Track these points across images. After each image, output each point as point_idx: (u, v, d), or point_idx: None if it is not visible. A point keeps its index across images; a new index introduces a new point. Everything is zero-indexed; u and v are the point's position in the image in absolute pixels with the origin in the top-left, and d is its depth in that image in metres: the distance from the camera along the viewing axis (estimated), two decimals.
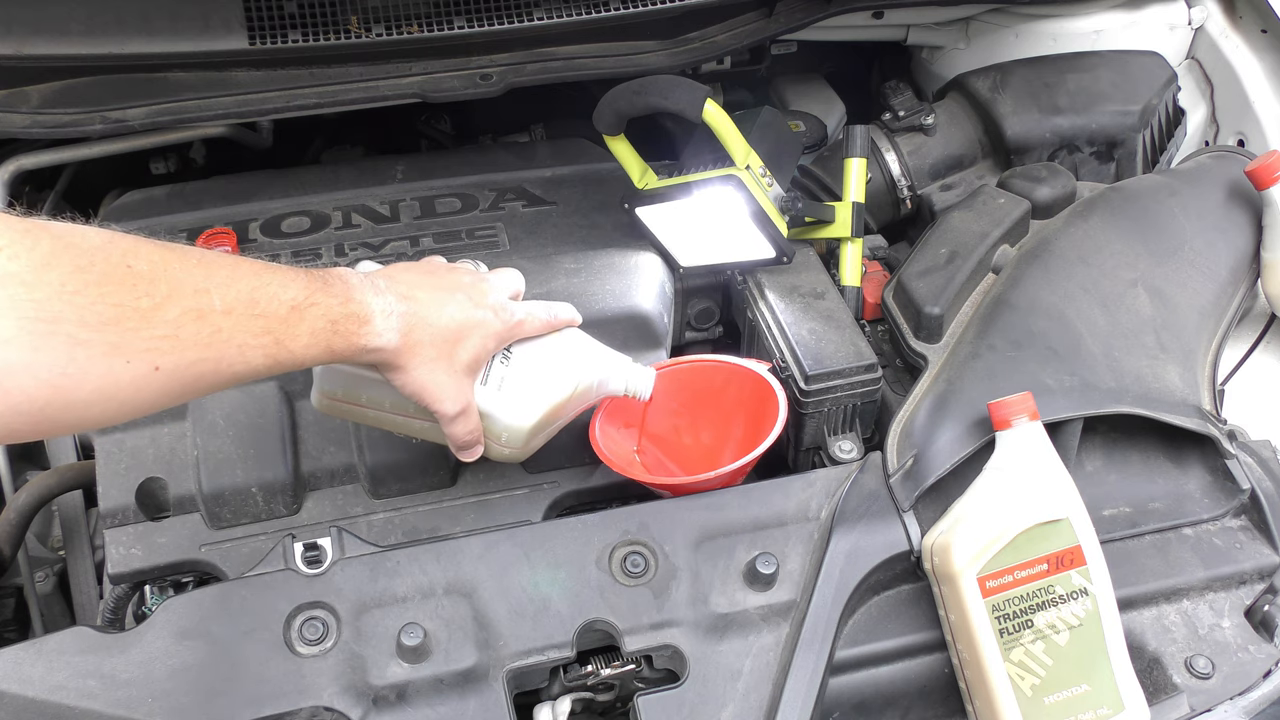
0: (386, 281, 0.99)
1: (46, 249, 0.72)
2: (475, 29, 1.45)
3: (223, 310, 0.82)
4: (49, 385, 0.72)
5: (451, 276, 1.06)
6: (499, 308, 1.07)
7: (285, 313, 0.88)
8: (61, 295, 0.71)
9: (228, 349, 0.83)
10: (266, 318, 0.86)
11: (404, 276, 1.02)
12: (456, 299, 1.03)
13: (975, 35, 1.81)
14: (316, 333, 0.90)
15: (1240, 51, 1.70)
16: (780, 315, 1.33)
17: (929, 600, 1.14)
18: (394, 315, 0.97)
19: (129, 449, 1.22)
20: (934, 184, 1.61)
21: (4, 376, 0.69)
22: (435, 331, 1.00)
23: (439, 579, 1.09)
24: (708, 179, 1.33)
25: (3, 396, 0.70)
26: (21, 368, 0.70)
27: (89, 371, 0.74)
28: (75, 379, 0.73)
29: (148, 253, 0.80)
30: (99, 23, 1.35)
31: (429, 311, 1.00)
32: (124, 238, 0.80)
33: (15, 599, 1.41)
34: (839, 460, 1.25)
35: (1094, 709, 1.08)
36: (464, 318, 1.03)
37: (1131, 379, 1.23)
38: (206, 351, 0.82)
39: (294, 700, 1.02)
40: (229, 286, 0.84)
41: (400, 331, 0.97)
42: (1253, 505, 1.23)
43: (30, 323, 0.70)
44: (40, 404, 0.72)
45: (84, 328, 0.73)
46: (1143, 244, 1.37)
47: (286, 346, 0.88)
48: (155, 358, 0.78)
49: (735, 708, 1.06)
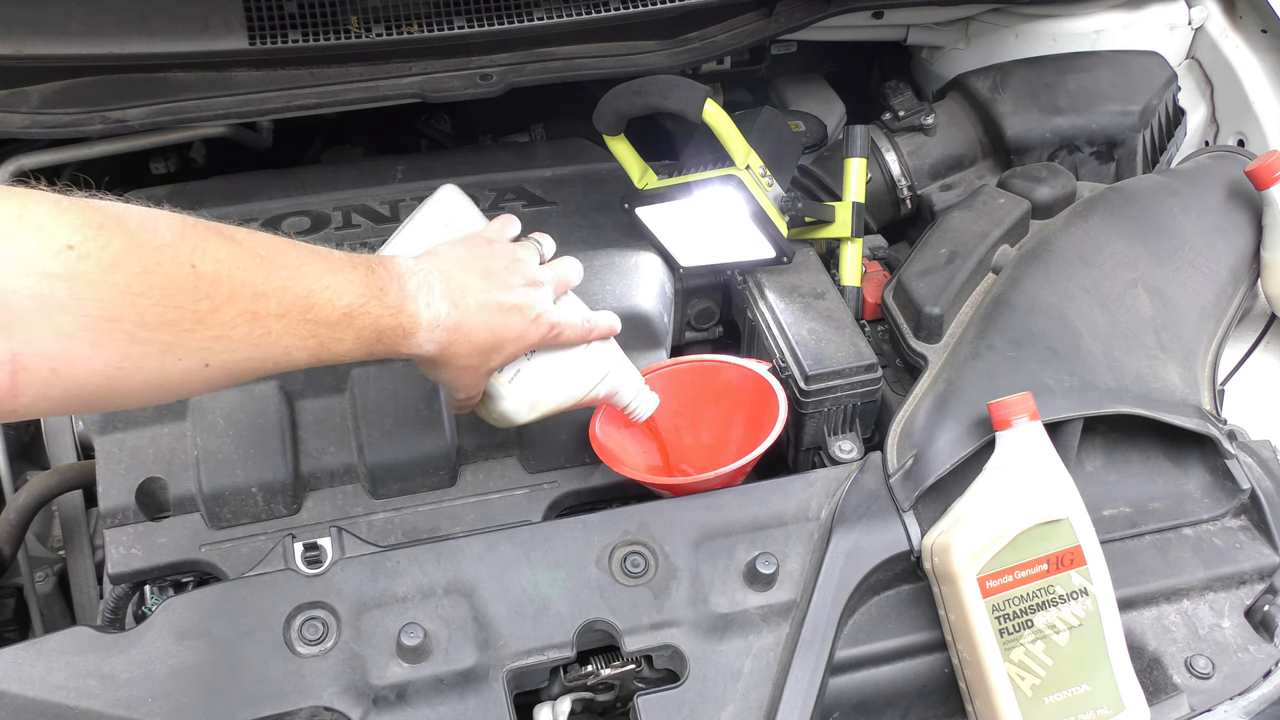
0: (443, 284, 1.00)
1: (117, 248, 0.75)
2: (475, 29, 1.45)
3: (277, 314, 0.86)
4: (103, 376, 0.76)
5: (508, 277, 1.04)
6: (540, 317, 1.06)
7: (336, 319, 0.91)
8: (125, 297, 0.75)
9: (275, 350, 0.87)
10: (317, 324, 0.89)
11: (461, 277, 1.02)
12: (503, 310, 1.03)
13: (975, 35, 1.81)
14: (362, 340, 0.93)
15: (1240, 51, 1.70)
16: (780, 315, 1.33)
17: (929, 600, 1.14)
18: (439, 329, 0.99)
19: (129, 449, 1.22)
20: (934, 184, 1.61)
21: (63, 367, 0.74)
22: (474, 345, 1.02)
23: (439, 579, 1.09)
24: (708, 179, 1.33)
25: (59, 383, 0.74)
26: (80, 360, 0.74)
27: (142, 367, 0.78)
28: (128, 372, 0.78)
29: (214, 250, 0.82)
30: (99, 23, 1.35)
31: (473, 324, 1.01)
32: (194, 233, 0.82)
33: (15, 599, 1.40)
34: (839, 460, 1.25)
35: (1094, 709, 1.08)
36: (505, 331, 1.04)
37: (1131, 379, 1.23)
38: (255, 352, 0.85)
39: (294, 700, 1.02)
40: (287, 290, 0.87)
41: (441, 345, 1.00)
42: (1253, 505, 1.23)
43: (93, 320, 0.73)
44: (92, 390, 0.77)
45: (142, 328, 0.76)
46: (1143, 244, 1.37)
47: (330, 349, 0.92)
48: (207, 356, 0.82)
49: (735, 708, 1.06)
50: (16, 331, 0.71)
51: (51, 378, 0.74)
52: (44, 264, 0.71)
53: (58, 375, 0.74)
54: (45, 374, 0.74)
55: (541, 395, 1.13)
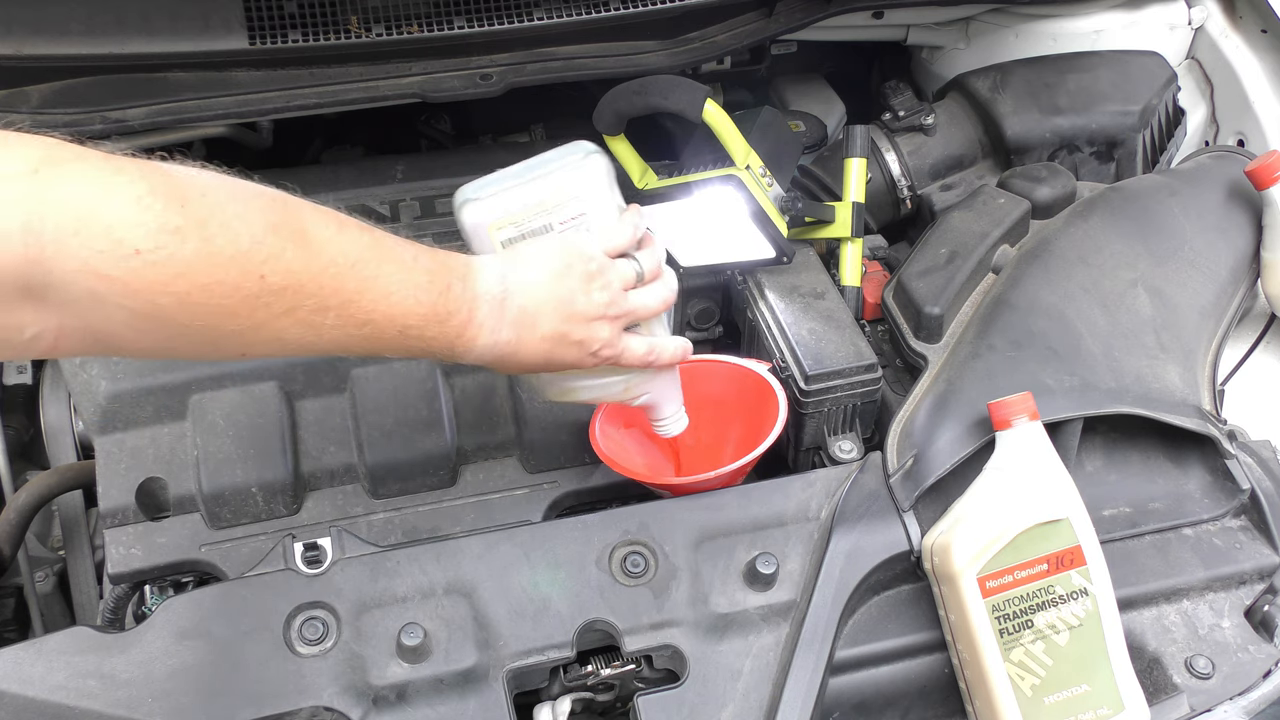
0: (516, 312, 0.97)
1: (186, 257, 0.74)
2: (475, 29, 1.45)
3: (333, 325, 0.85)
4: (142, 352, 0.80)
5: (584, 308, 1.00)
6: (600, 351, 1.03)
7: (391, 336, 0.90)
8: (182, 304, 0.75)
9: (322, 348, 0.87)
10: (371, 338, 0.89)
11: (538, 304, 0.98)
12: (565, 343, 1.00)
13: (975, 35, 1.81)
14: (410, 351, 0.94)
15: (1240, 51, 1.70)
16: (780, 315, 1.33)
17: (929, 600, 1.14)
18: (493, 350, 0.98)
19: (129, 449, 1.22)
20: (934, 184, 1.61)
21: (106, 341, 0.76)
22: (521, 364, 1.02)
23: (439, 579, 1.09)
24: (708, 179, 1.33)
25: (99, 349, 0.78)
26: (124, 342, 0.77)
27: (182, 351, 0.82)
28: (167, 353, 0.81)
29: (290, 260, 0.81)
30: (99, 23, 1.35)
31: (530, 351, 1.00)
32: (275, 238, 0.80)
33: (15, 599, 1.41)
34: (839, 460, 1.25)
35: (1094, 709, 1.08)
36: (560, 359, 1.02)
37: (1131, 379, 1.23)
38: (302, 351, 0.86)
39: (294, 700, 1.02)
40: (351, 305, 0.86)
41: (488, 362, 0.99)
42: (1253, 505, 1.23)
43: (144, 318, 0.74)
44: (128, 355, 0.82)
45: (192, 329, 0.77)
46: (1143, 244, 1.37)
47: (378, 354, 0.93)
48: (249, 351, 0.83)
49: (735, 708, 1.06)
50: (68, 310, 0.72)
51: (94, 346, 0.77)
52: (107, 267, 0.71)
53: (100, 345, 0.77)
54: (88, 343, 0.76)
55: (578, 388, 1.11)
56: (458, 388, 1.28)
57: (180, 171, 0.78)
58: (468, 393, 1.28)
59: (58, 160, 0.70)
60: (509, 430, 1.28)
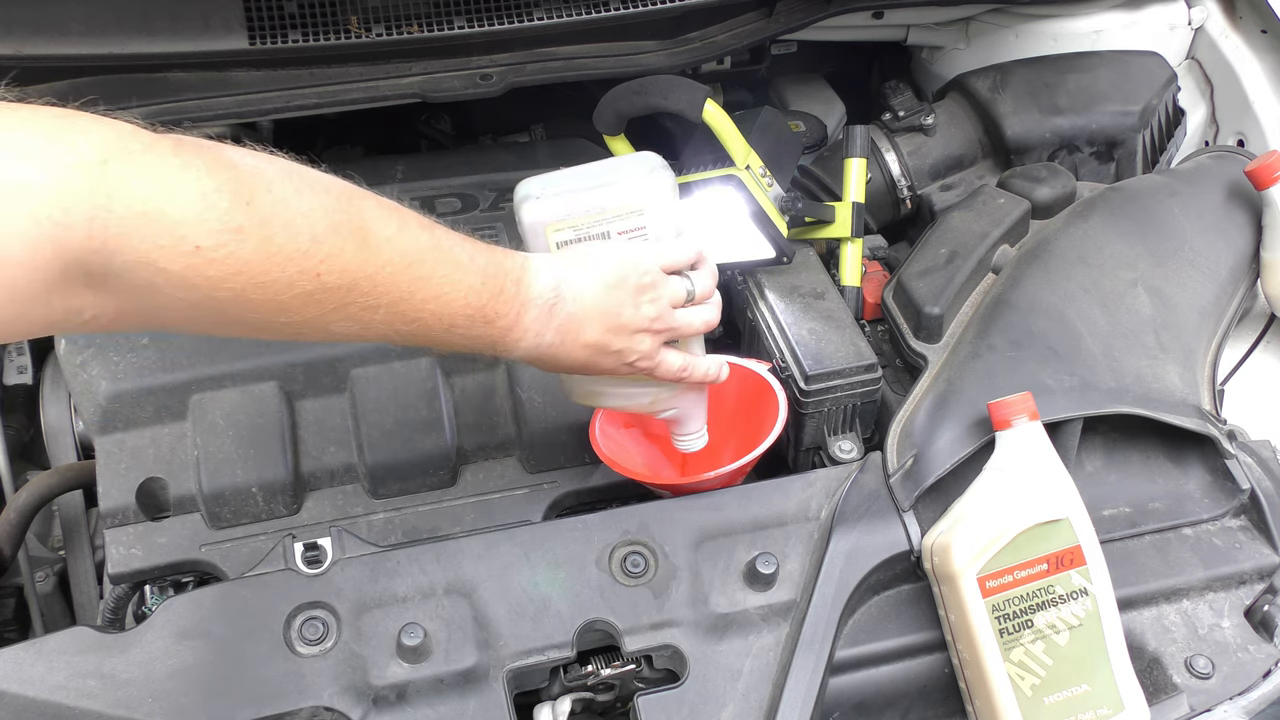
0: (563, 318, 0.99)
1: (245, 256, 0.75)
2: (475, 29, 1.45)
3: (383, 321, 0.87)
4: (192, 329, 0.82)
5: (629, 321, 1.02)
6: (637, 362, 1.05)
7: (439, 331, 0.92)
8: (236, 299, 0.77)
9: (367, 337, 0.89)
10: (417, 334, 0.91)
11: (585, 312, 1.00)
12: (604, 351, 1.02)
13: (975, 35, 1.81)
14: (455, 346, 0.95)
15: (1240, 52, 1.70)
16: (780, 315, 1.33)
17: (929, 600, 1.14)
18: (535, 351, 0.99)
19: (129, 449, 1.22)
20: (934, 184, 1.61)
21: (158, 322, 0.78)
22: (559, 366, 1.04)
23: (439, 579, 1.09)
24: (708, 179, 1.33)
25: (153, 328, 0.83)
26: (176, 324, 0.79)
27: (232, 334, 0.84)
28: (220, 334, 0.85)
29: (348, 260, 0.82)
30: (99, 23, 1.35)
31: (570, 354, 1.01)
32: (335, 237, 0.81)
33: (15, 599, 1.40)
34: (839, 460, 1.25)
35: (1094, 709, 1.08)
36: (597, 366, 1.04)
37: (1131, 379, 1.23)
38: (344, 339, 0.88)
39: (294, 700, 1.02)
40: (402, 303, 0.87)
41: (529, 360, 1.02)
42: (1252, 505, 1.22)
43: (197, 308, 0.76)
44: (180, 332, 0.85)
45: (243, 322, 0.80)
46: (1143, 244, 1.37)
47: (421, 344, 0.94)
48: (298, 336, 0.85)
49: (735, 708, 1.06)
50: (126, 297, 0.74)
51: (147, 326, 0.79)
52: (167, 262, 0.72)
53: (153, 326, 0.79)
54: (142, 324, 0.78)
55: (606, 394, 1.12)
56: (458, 388, 1.28)
57: (248, 165, 0.79)
58: (468, 393, 1.28)
59: (127, 151, 0.71)
60: (509, 430, 1.28)
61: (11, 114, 0.68)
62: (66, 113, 0.71)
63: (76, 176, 0.68)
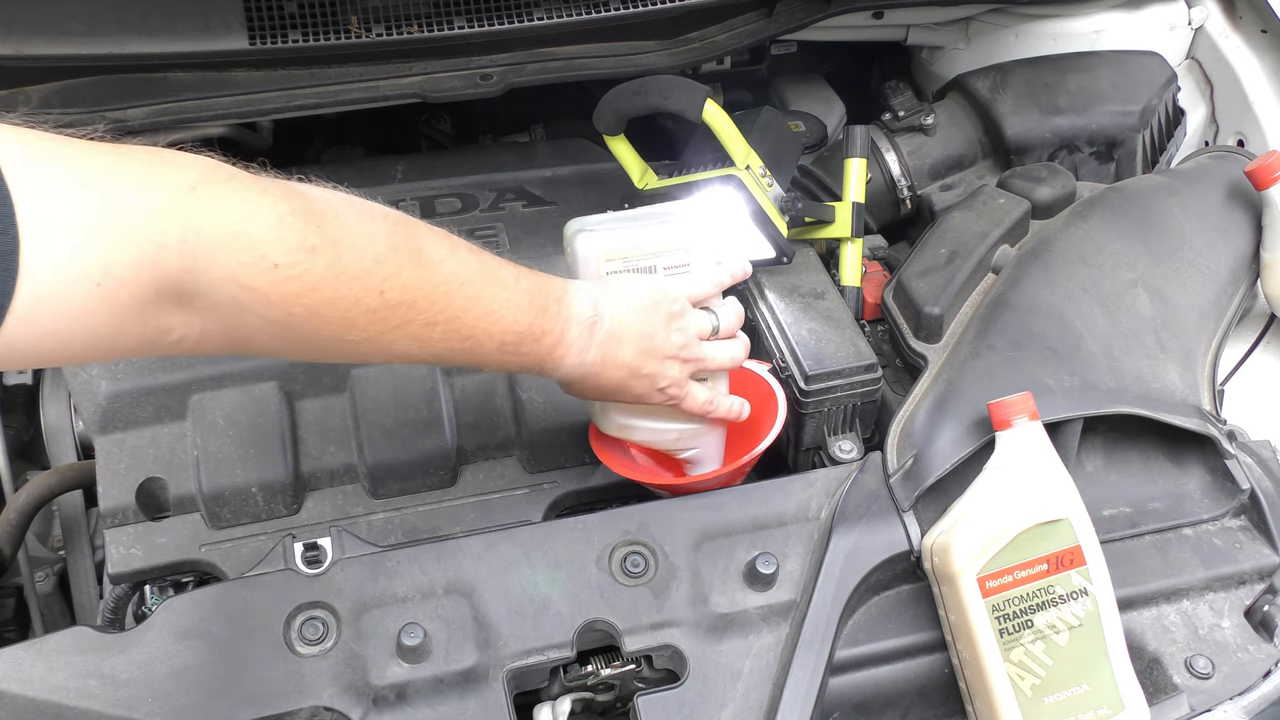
0: (604, 337, 1.04)
1: (319, 274, 0.82)
2: (475, 29, 1.45)
3: (439, 339, 0.93)
4: (272, 352, 0.88)
5: (662, 345, 1.07)
6: (667, 389, 1.09)
7: (490, 350, 0.97)
8: (311, 315, 0.83)
9: (425, 358, 0.95)
10: (471, 352, 0.96)
11: (624, 333, 1.05)
12: (638, 375, 1.07)
13: (975, 35, 1.81)
14: (506, 366, 1.01)
15: (1240, 51, 1.70)
16: (780, 315, 1.33)
17: (929, 600, 1.14)
18: (578, 371, 1.04)
19: (129, 449, 1.22)
20: (934, 184, 1.61)
21: (241, 344, 0.84)
22: (598, 388, 1.08)
23: (439, 579, 1.09)
24: (708, 179, 1.33)
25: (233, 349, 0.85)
26: (258, 344, 0.85)
27: (304, 353, 0.90)
28: (293, 354, 0.90)
29: (406, 279, 0.88)
30: (99, 23, 1.35)
31: (609, 376, 1.06)
32: (395, 258, 0.88)
33: (15, 599, 1.40)
34: (839, 460, 1.25)
35: (1094, 709, 1.08)
36: (630, 389, 1.08)
37: (1131, 379, 1.23)
38: (408, 359, 0.94)
39: (294, 700, 1.02)
40: (456, 321, 0.93)
41: (571, 381, 1.06)
42: (1252, 505, 1.23)
43: (277, 324, 0.82)
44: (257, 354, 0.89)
45: (317, 338, 0.86)
46: (1143, 244, 1.37)
47: (477, 366, 1.02)
48: (363, 358, 0.92)
49: (735, 708, 1.06)
50: (211, 315, 0.80)
51: (229, 347, 0.85)
52: (250, 279, 0.79)
53: (234, 346, 0.85)
54: (225, 344, 0.84)
55: (635, 426, 1.16)
56: (458, 388, 1.28)
57: (316, 194, 0.86)
58: (468, 393, 1.28)
59: (213, 180, 0.78)
60: (509, 430, 1.28)
61: (111, 150, 0.75)
62: (157, 149, 0.79)
63: (171, 202, 0.75)
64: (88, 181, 0.72)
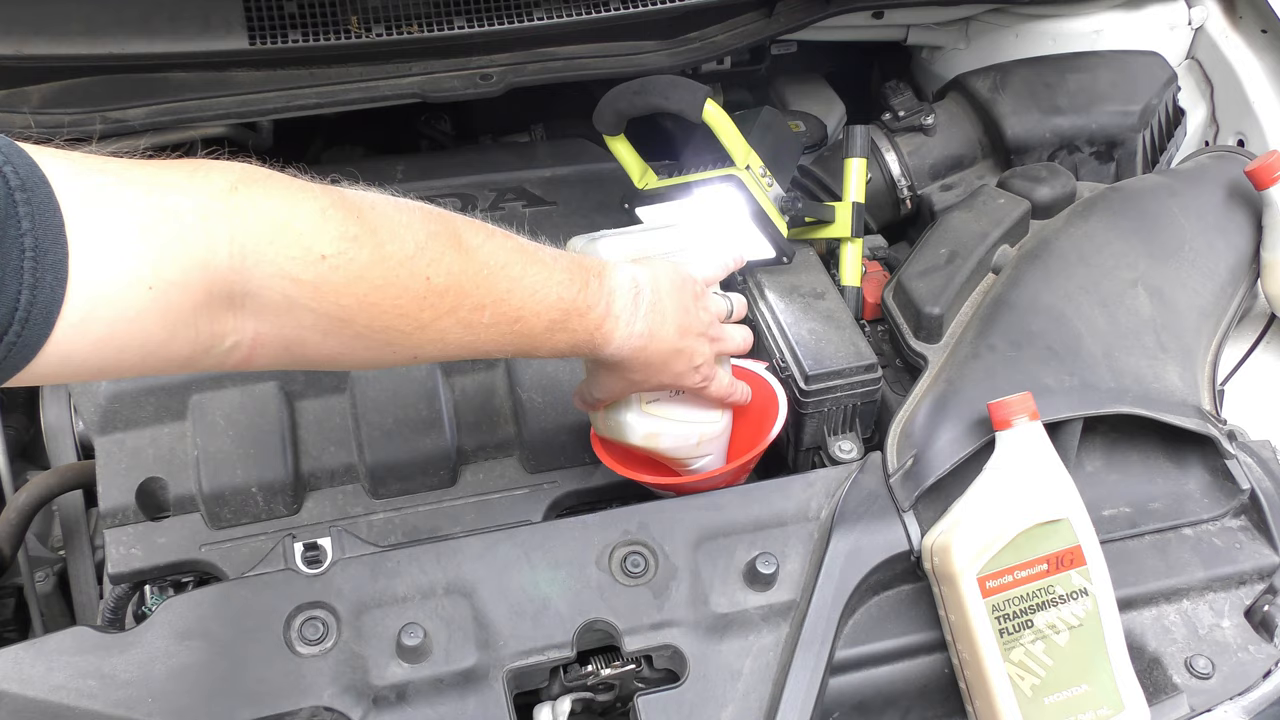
0: (649, 307, 1.04)
1: (364, 262, 0.83)
2: (475, 29, 1.45)
3: (489, 324, 0.93)
4: (327, 357, 0.87)
5: (696, 320, 1.09)
6: (701, 367, 1.11)
7: (539, 331, 0.98)
8: (361, 305, 0.83)
9: (477, 348, 0.95)
10: (521, 334, 0.97)
11: (666, 303, 1.06)
12: (678, 351, 1.08)
13: (975, 35, 1.81)
14: (557, 347, 1.01)
15: (1240, 52, 1.70)
16: (780, 315, 1.32)
17: (929, 600, 1.14)
18: (629, 346, 1.04)
19: (129, 449, 1.22)
20: (934, 184, 1.61)
21: (295, 347, 0.84)
22: (646, 365, 1.07)
23: (439, 579, 1.09)
24: (708, 179, 1.33)
25: (289, 358, 0.85)
26: (311, 346, 0.85)
27: (362, 355, 0.89)
28: (349, 357, 0.89)
29: (449, 264, 0.89)
30: (99, 23, 1.35)
31: (654, 350, 1.06)
32: (435, 243, 0.88)
33: (15, 599, 1.41)
34: (839, 460, 1.25)
35: (1094, 709, 1.08)
36: (672, 365, 1.08)
37: (1131, 379, 1.23)
38: (459, 350, 0.94)
39: (294, 700, 1.02)
40: (503, 303, 0.94)
41: (623, 358, 1.05)
42: (1253, 505, 1.22)
43: (330, 319, 0.83)
44: (315, 363, 0.88)
45: (370, 330, 0.85)
46: (1143, 244, 1.37)
47: (527, 351, 1.00)
48: (418, 352, 0.92)
49: (735, 708, 1.06)
50: (264, 317, 0.80)
51: (283, 354, 0.84)
52: (299, 271, 0.79)
53: (289, 352, 0.84)
54: (279, 350, 0.83)
55: (663, 434, 1.16)
56: (458, 388, 1.28)
57: (350, 190, 0.87)
58: (468, 393, 1.28)
59: (252, 179, 0.79)
60: (509, 430, 1.28)
61: (152, 162, 0.77)
62: (195, 160, 0.80)
63: (216, 204, 0.76)
64: (133, 189, 0.73)
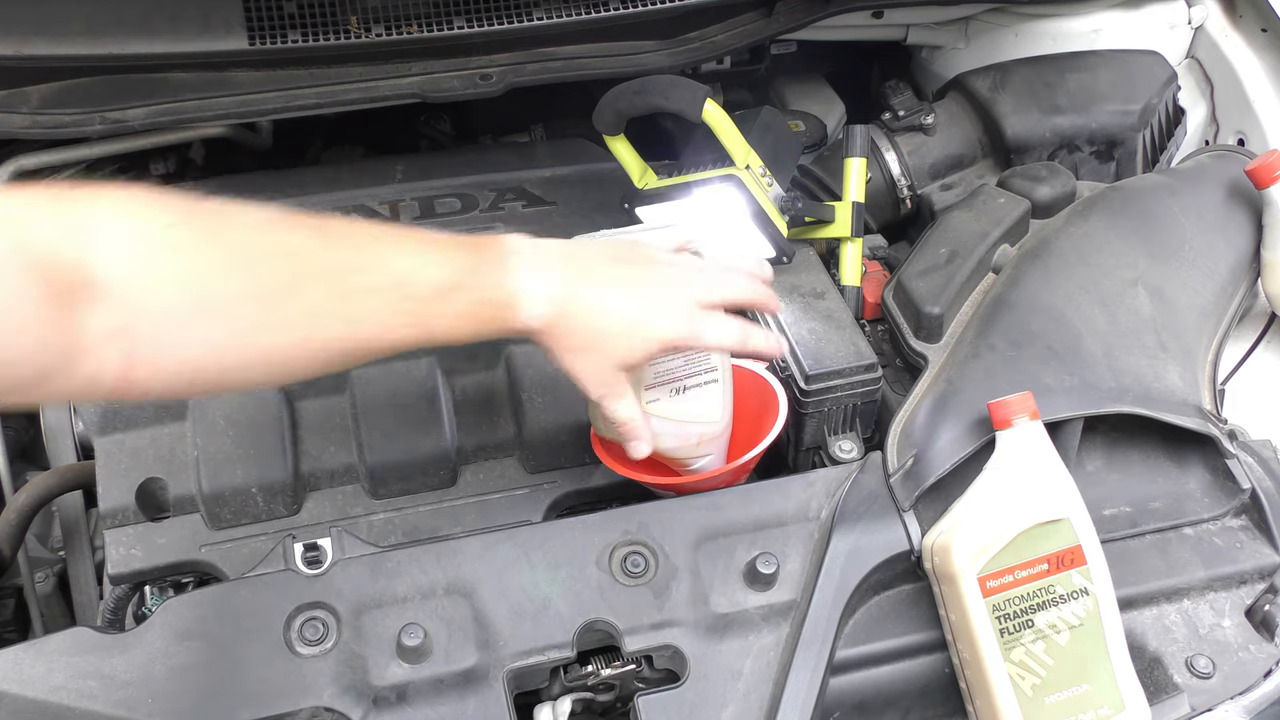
0: (558, 259, 0.98)
1: (209, 227, 0.82)
2: (475, 29, 1.45)
3: (369, 290, 0.89)
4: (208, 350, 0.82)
5: (646, 269, 1.01)
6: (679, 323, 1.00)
7: (431, 294, 0.91)
8: (218, 271, 0.81)
9: (372, 327, 0.90)
10: (412, 300, 0.91)
11: (584, 254, 1.00)
12: (633, 294, 0.98)
13: (975, 35, 1.81)
14: (463, 317, 0.93)
15: (1240, 51, 1.70)
16: (780, 315, 1.32)
17: (929, 600, 1.14)
18: (545, 301, 0.95)
19: (129, 449, 1.22)
20: (934, 184, 1.61)
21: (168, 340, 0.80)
22: (587, 320, 0.98)
23: (439, 579, 1.09)
24: (708, 179, 1.33)
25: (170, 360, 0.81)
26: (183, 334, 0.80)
27: (242, 342, 0.84)
28: (231, 347, 0.83)
29: (303, 235, 0.87)
30: (99, 23, 1.35)
31: (591, 299, 0.97)
32: (283, 219, 0.87)
33: (15, 599, 1.40)
34: (839, 460, 1.25)
35: (1094, 709, 1.08)
36: (630, 315, 0.98)
37: (1131, 379, 1.23)
38: (350, 329, 0.89)
39: (294, 700, 1.02)
40: (378, 268, 0.89)
41: (547, 320, 0.96)
42: (1253, 505, 1.22)
43: (191, 295, 0.80)
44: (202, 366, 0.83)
45: (235, 301, 0.82)
46: (1143, 244, 1.37)
47: (431, 328, 0.92)
48: (303, 332, 0.86)
49: (735, 708, 1.06)
50: (129, 302, 0.77)
51: (162, 350, 0.80)
52: (146, 244, 0.78)
53: (168, 348, 0.80)
54: (154, 347, 0.79)
55: (663, 434, 1.13)
56: (458, 388, 1.28)
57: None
58: (468, 393, 1.28)
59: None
60: (509, 430, 1.28)
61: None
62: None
63: None
64: None
